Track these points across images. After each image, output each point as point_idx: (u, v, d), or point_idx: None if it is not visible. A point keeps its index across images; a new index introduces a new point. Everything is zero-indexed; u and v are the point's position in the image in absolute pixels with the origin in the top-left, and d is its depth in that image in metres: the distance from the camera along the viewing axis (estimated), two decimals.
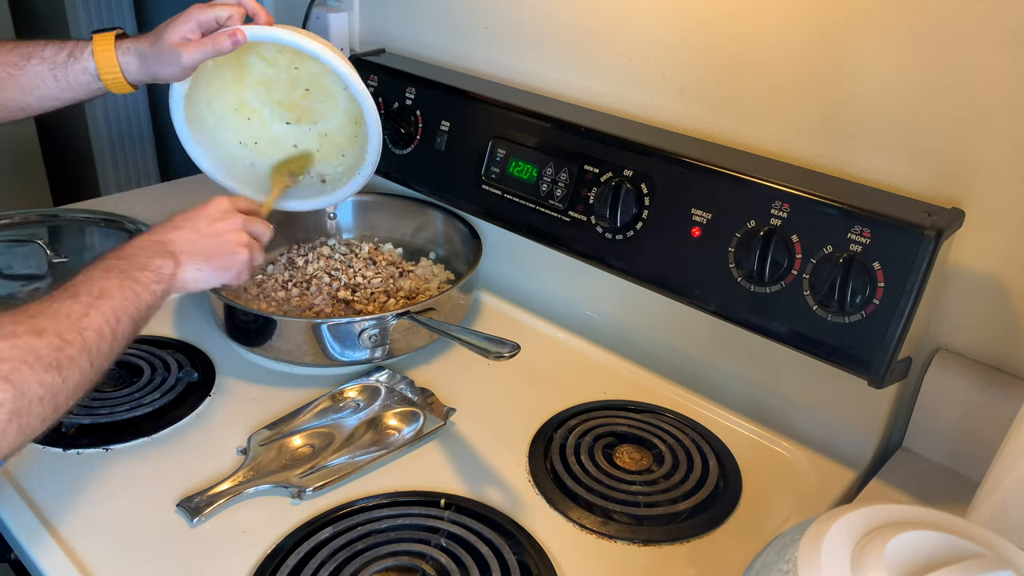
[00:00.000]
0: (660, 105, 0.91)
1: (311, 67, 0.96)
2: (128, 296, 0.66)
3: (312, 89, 0.99)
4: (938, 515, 0.48)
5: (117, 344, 0.64)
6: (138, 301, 0.66)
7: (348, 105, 1.00)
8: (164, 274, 0.70)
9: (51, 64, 0.82)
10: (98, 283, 0.65)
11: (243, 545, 0.69)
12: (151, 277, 0.69)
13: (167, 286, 0.71)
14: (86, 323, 0.61)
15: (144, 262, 0.69)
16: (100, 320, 0.62)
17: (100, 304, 0.63)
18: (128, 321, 0.65)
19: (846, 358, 0.72)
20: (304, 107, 1.00)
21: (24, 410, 0.54)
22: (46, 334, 0.57)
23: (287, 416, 0.83)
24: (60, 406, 0.58)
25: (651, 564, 0.69)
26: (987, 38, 0.68)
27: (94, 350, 0.61)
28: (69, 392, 0.59)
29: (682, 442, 0.81)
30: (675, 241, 0.82)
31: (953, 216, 0.70)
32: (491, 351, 0.76)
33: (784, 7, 0.78)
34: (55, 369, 0.57)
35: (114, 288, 0.65)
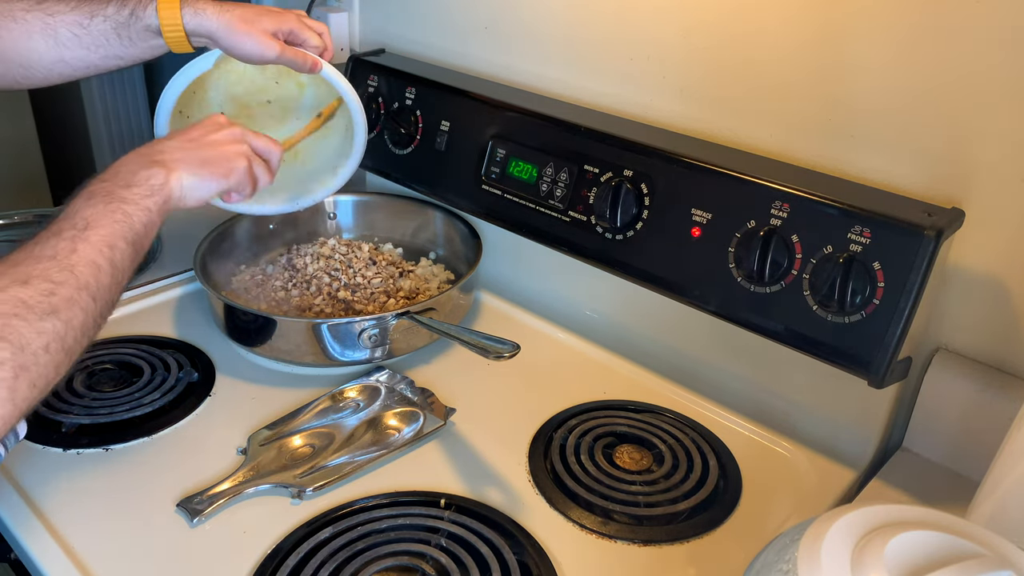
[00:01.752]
0: (660, 105, 0.91)
1: (291, 90, 0.97)
2: (118, 219, 0.61)
3: (274, 104, 0.98)
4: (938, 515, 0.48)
5: (119, 273, 0.60)
6: (131, 222, 0.62)
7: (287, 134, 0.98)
8: (154, 185, 0.65)
9: (114, 23, 0.81)
10: (81, 214, 0.60)
11: (243, 545, 0.69)
12: (140, 192, 0.64)
13: (161, 198, 0.65)
14: (75, 259, 0.57)
15: (129, 178, 0.65)
16: (91, 253, 0.58)
17: (88, 236, 0.59)
18: (124, 245, 0.61)
19: (846, 358, 0.72)
20: (251, 112, 0.99)
21: (30, 364, 0.52)
22: (33, 280, 0.54)
23: (287, 416, 0.83)
24: (72, 349, 0.56)
25: (651, 564, 0.69)
26: (987, 37, 0.68)
27: (93, 284, 0.57)
28: (77, 333, 0.56)
29: (682, 442, 0.81)
30: (675, 241, 0.82)
31: (953, 216, 0.70)
32: (491, 351, 0.76)
33: (784, 7, 0.78)
34: (52, 315, 0.54)
35: (100, 215, 0.60)
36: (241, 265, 1.06)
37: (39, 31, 0.80)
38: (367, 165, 1.12)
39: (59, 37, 0.80)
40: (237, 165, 0.73)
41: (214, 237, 1.01)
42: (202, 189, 0.70)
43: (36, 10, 0.80)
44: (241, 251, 1.07)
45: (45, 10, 0.80)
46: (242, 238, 1.07)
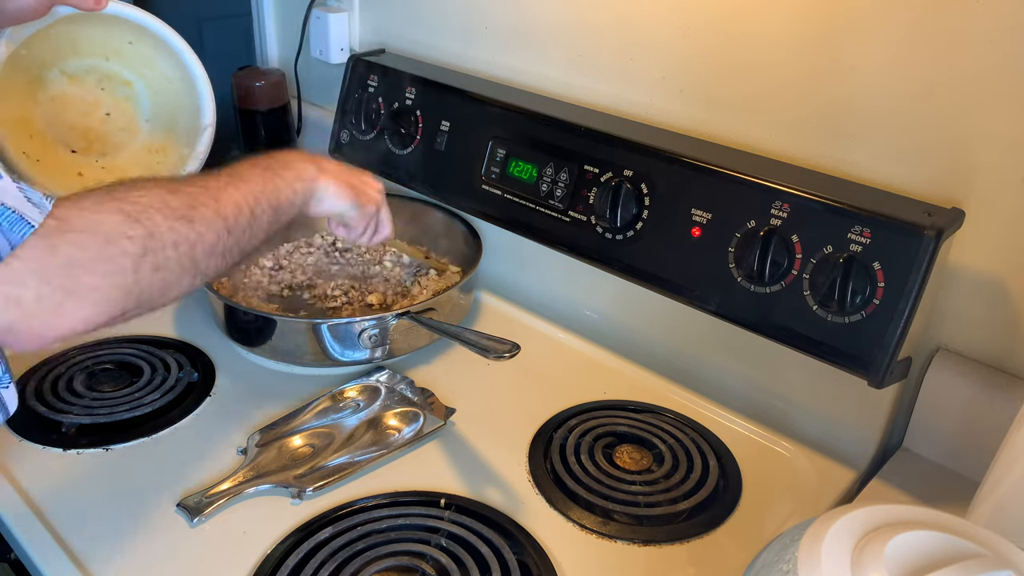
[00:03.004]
0: (660, 105, 0.91)
1: (119, 90, 0.95)
2: (268, 185, 0.66)
3: (113, 114, 0.97)
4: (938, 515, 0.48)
5: (256, 225, 0.64)
6: (278, 192, 0.67)
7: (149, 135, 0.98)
8: (306, 176, 0.71)
9: None
10: (239, 170, 0.65)
11: (243, 545, 0.69)
12: (293, 175, 0.69)
13: (307, 187, 0.71)
14: (222, 194, 0.61)
15: (287, 162, 0.70)
16: (238, 195, 0.62)
17: (239, 184, 0.63)
18: (267, 206, 0.65)
19: (846, 358, 0.72)
20: (98, 134, 0.97)
21: (157, 249, 0.55)
22: (180, 193, 0.58)
23: (287, 416, 0.83)
24: (199, 261, 0.58)
25: (651, 564, 0.69)
26: (987, 37, 0.68)
27: (231, 218, 0.61)
28: (207, 250, 0.59)
29: (682, 442, 0.81)
30: (675, 241, 0.82)
31: (953, 216, 0.70)
32: (491, 351, 0.76)
33: (784, 7, 0.78)
34: (187, 221, 0.57)
35: (256, 175, 0.66)
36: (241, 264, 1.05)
37: None
38: (367, 165, 1.12)
39: None
40: (370, 205, 0.79)
41: None
42: (337, 201, 0.75)
43: None
44: None
45: None
46: None
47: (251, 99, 1.27)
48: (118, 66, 0.96)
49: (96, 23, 0.89)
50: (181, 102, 0.96)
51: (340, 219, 0.79)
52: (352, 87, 1.11)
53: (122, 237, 0.53)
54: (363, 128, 1.10)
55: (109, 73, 0.96)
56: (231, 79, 1.28)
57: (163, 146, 0.98)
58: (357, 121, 1.10)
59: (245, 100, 1.28)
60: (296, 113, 1.33)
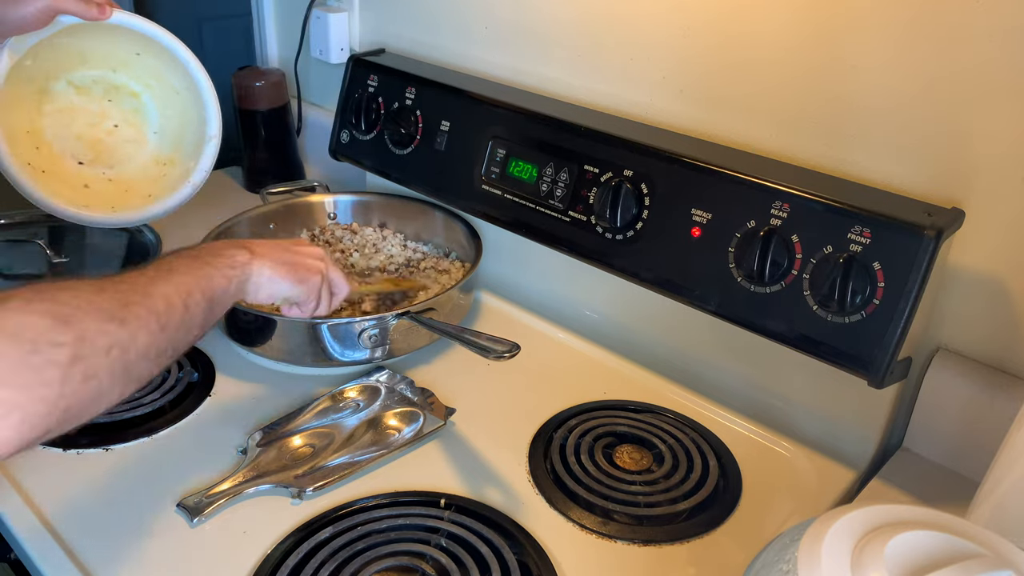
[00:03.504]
0: (660, 105, 0.91)
1: (127, 101, 0.95)
2: (200, 275, 0.63)
3: (121, 126, 0.96)
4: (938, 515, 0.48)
5: (191, 317, 0.60)
6: (211, 281, 0.63)
7: (157, 147, 0.98)
8: (239, 261, 0.68)
9: None
10: (167, 261, 0.62)
11: (243, 545, 0.69)
12: (225, 262, 0.66)
13: (241, 273, 0.68)
14: (152, 289, 0.58)
15: (218, 250, 0.68)
16: (168, 288, 0.59)
17: (168, 277, 0.60)
18: (200, 298, 0.62)
19: (846, 358, 0.72)
20: (106, 146, 0.97)
21: (88, 356, 0.50)
22: (108, 291, 0.54)
23: (287, 416, 0.83)
24: (131, 367, 0.54)
25: (651, 564, 0.69)
26: (987, 36, 0.68)
27: (164, 315, 0.57)
28: (139, 351, 0.54)
29: (682, 442, 0.81)
30: (675, 241, 0.82)
31: (953, 216, 0.70)
32: (491, 351, 0.76)
33: (783, 7, 0.78)
34: (119, 323, 0.53)
35: (185, 265, 0.62)
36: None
37: None
38: (367, 165, 1.12)
39: None
40: (313, 278, 0.75)
41: (214, 237, 1.01)
42: (276, 285, 0.72)
43: None
44: None
45: None
46: (242, 237, 1.07)
47: (251, 99, 1.27)
48: (125, 77, 0.96)
49: (103, 34, 0.89)
50: (188, 114, 0.96)
51: (286, 301, 0.77)
52: (352, 87, 1.11)
53: (49, 344, 0.48)
54: (363, 128, 1.10)
55: (116, 84, 0.96)
56: (231, 79, 1.28)
57: (171, 158, 0.98)
58: (357, 121, 1.10)
59: (245, 100, 1.28)
60: (296, 113, 1.34)
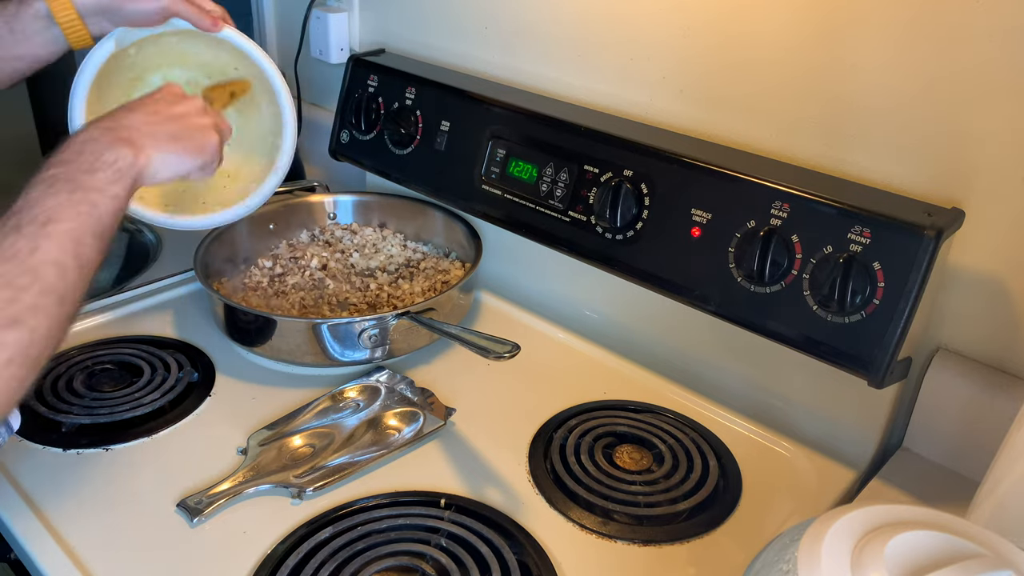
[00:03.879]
0: (660, 105, 0.91)
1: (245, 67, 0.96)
2: (83, 211, 0.56)
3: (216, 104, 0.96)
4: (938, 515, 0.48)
5: (86, 269, 0.56)
6: (97, 213, 0.57)
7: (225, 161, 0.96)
8: (121, 168, 0.60)
9: (4, 17, 0.75)
10: (41, 205, 0.55)
11: (243, 545, 0.69)
12: (106, 178, 0.59)
13: (129, 182, 0.60)
14: (37, 259, 0.52)
15: (92, 161, 0.59)
16: (55, 251, 0.53)
17: (49, 232, 0.54)
18: (91, 240, 0.56)
19: (846, 358, 0.72)
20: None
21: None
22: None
23: (287, 416, 0.83)
24: (37, 358, 0.52)
25: (651, 564, 0.69)
26: (987, 36, 0.68)
27: (59, 287, 0.53)
28: (42, 341, 0.52)
29: (682, 442, 0.81)
30: (675, 241, 0.82)
31: (953, 216, 0.70)
32: (491, 351, 0.76)
33: (783, 7, 0.78)
34: (15, 325, 0.50)
35: (63, 207, 0.55)
36: (241, 265, 1.06)
37: None
38: (367, 165, 1.12)
39: None
40: (209, 140, 0.69)
41: (214, 237, 1.01)
42: (172, 168, 0.66)
43: None
44: (241, 251, 1.07)
45: None
46: (242, 238, 1.07)
47: None
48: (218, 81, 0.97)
49: (207, 42, 0.90)
50: (264, 139, 0.97)
51: (189, 175, 0.70)
52: (352, 87, 1.11)
53: None
54: (363, 128, 1.10)
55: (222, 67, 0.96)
56: None
57: (236, 172, 0.98)
58: (357, 121, 1.10)
59: None
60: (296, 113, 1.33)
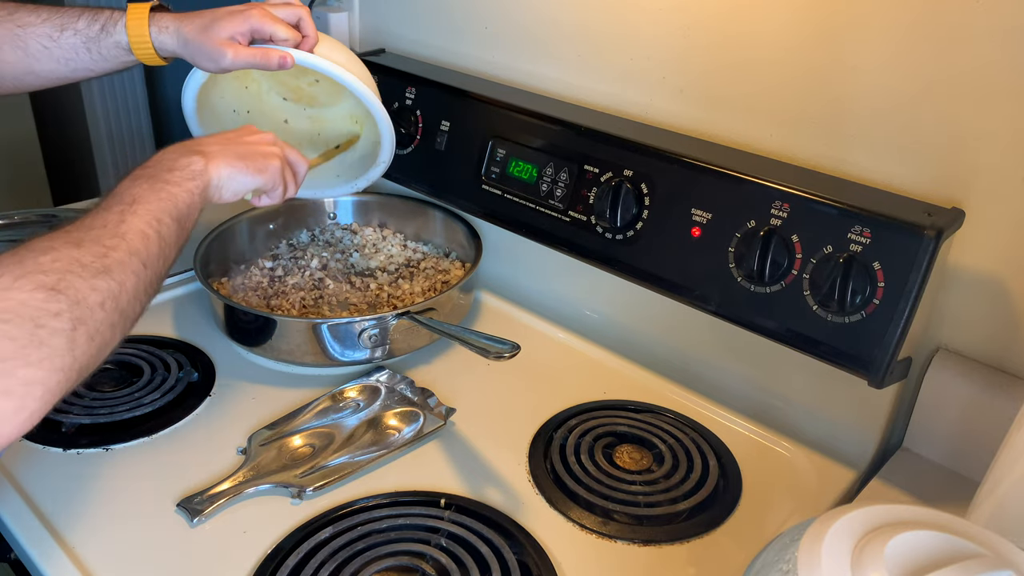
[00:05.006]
0: (660, 105, 0.91)
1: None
2: (163, 197, 0.64)
3: (322, 81, 1.00)
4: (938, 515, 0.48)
5: (166, 245, 0.62)
6: (175, 200, 0.64)
7: (351, 108, 1.00)
8: (195, 170, 0.68)
9: (84, 38, 0.81)
10: (128, 192, 0.63)
11: (243, 545, 0.69)
12: (181, 175, 0.67)
13: (201, 182, 0.68)
14: (125, 228, 0.59)
15: (171, 163, 0.67)
16: (140, 223, 0.60)
17: (136, 209, 0.61)
18: (170, 221, 0.63)
19: (846, 358, 0.72)
20: (307, 92, 1.01)
21: (87, 317, 0.52)
22: (86, 243, 0.56)
23: (287, 416, 0.83)
24: (126, 311, 0.57)
25: (651, 564, 0.69)
26: (987, 36, 0.68)
27: (143, 251, 0.59)
28: (130, 295, 0.57)
29: (682, 442, 0.81)
30: (675, 241, 0.82)
31: (953, 216, 0.70)
32: (491, 351, 0.76)
33: (783, 7, 0.78)
34: (105, 274, 0.55)
35: (146, 192, 0.63)
36: (241, 265, 1.06)
37: (9, 42, 0.81)
38: None
39: (29, 49, 0.81)
40: (272, 163, 0.75)
41: (214, 237, 1.01)
42: (238, 181, 0.72)
43: (7, 21, 0.80)
44: (241, 251, 1.07)
45: (16, 21, 0.80)
46: (242, 238, 1.07)
47: None
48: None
49: None
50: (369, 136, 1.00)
51: (255, 193, 0.77)
52: None
53: (49, 315, 0.50)
54: None
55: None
56: None
57: (363, 118, 1.01)
58: None
59: None
60: None
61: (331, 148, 1.02)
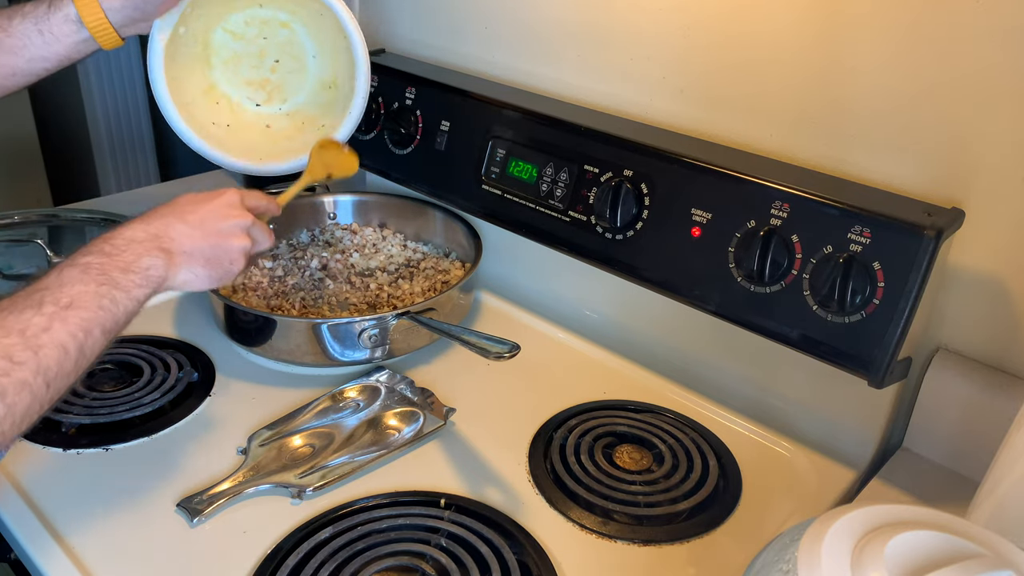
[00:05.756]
0: (660, 105, 0.91)
1: (280, 34, 0.96)
2: (104, 305, 0.59)
3: (282, 60, 0.98)
4: (938, 515, 0.48)
5: (84, 360, 0.58)
6: (115, 310, 0.60)
7: (319, 71, 0.98)
8: (151, 276, 0.64)
9: (34, 19, 0.78)
10: (69, 288, 0.58)
11: (243, 545, 0.69)
12: (135, 280, 0.62)
13: (152, 289, 0.64)
14: (45, 339, 0.54)
15: (130, 261, 0.63)
16: (64, 335, 0.56)
17: (67, 316, 0.56)
18: (100, 335, 0.59)
19: (846, 358, 0.72)
20: (274, 83, 0.99)
21: None
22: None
23: (287, 416, 0.83)
24: (7, 432, 0.52)
25: (651, 564, 0.69)
26: (987, 37, 0.68)
27: (53, 369, 0.55)
28: (16, 419, 0.53)
29: (682, 442, 0.81)
30: (675, 241, 0.82)
31: (953, 216, 0.70)
32: (491, 351, 0.76)
33: (784, 7, 0.78)
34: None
35: (88, 296, 0.58)
36: None
37: None
38: (367, 165, 1.12)
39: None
40: (234, 268, 0.72)
41: None
42: (193, 285, 0.70)
43: None
44: None
45: None
46: None
47: None
48: (272, 10, 0.96)
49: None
50: (336, 33, 0.96)
51: None
52: None
53: None
54: (363, 128, 1.10)
55: (266, 19, 0.96)
56: None
57: (333, 79, 0.99)
58: None
59: None
60: None
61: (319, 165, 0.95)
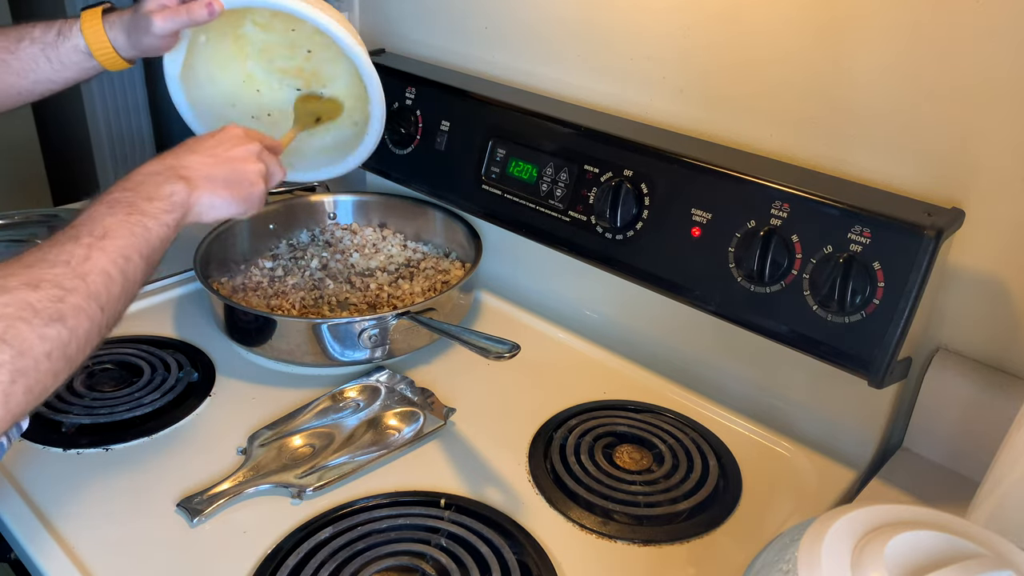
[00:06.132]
0: (660, 105, 0.91)
1: (308, 27, 0.94)
2: (137, 232, 0.61)
3: (314, 50, 0.97)
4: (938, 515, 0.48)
5: (129, 284, 0.60)
6: (148, 235, 0.62)
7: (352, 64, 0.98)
8: (176, 201, 0.65)
9: (42, 45, 0.81)
10: (101, 221, 0.60)
11: (243, 545, 0.69)
12: (161, 207, 0.64)
13: (180, 214, 0.66)
14: (88, 267, 0.56)
15: (152, 190, 0.65)
16: (105, 262, 0.58)
17: (104, 245, 0.58)
18: (138, 259, 0.61)
19: (846, 358, 0.72)
20: (309, 71, 0.99)
21: (29, 369, 0.51)
22: (43, 285, 0.53)
23: (287, 416, 0.83)
24: (73, 357, 0.55)
25: (651, 564, 0.69)
26: (988, 37, 0.68)
27: (103, 294, 0.57)
28: (81, 342, 0.55)
29: (682, 442, 0.81)
30: (675, 241, 0.82)
31: (953, 216, 0.70)
32: (491, 351, 0.76)
33: (784, 7, 0.78)
34: (58, 321, 0.53)
35: (120, 225, 0.60)
36: (241, 265, 1.06)
37: None
38: (367, 165, 1.12)
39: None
40: (255, 191, 0.73)
41: (214, 237, 1.01)
42: (219, 210, 0.70)
43: None
44: (241, 251, 1.07)
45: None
46: (242, 238, 1.07)
47: None
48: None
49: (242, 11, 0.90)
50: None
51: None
52: None
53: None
54: None
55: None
56: None
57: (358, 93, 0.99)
58: None
59: None
60: None
61: (305, 115, 0.97)
